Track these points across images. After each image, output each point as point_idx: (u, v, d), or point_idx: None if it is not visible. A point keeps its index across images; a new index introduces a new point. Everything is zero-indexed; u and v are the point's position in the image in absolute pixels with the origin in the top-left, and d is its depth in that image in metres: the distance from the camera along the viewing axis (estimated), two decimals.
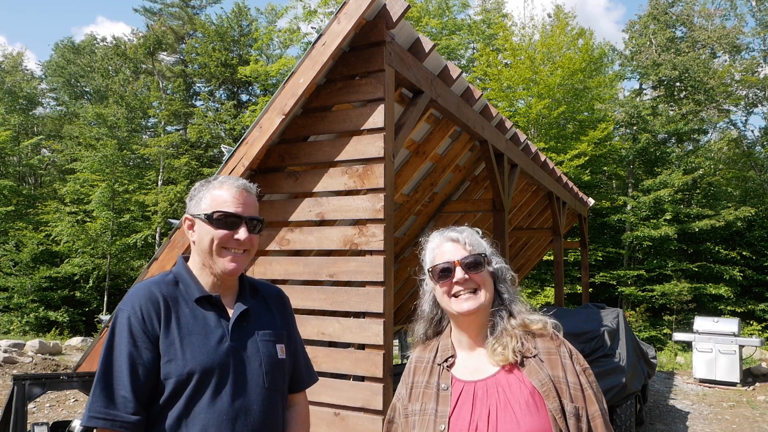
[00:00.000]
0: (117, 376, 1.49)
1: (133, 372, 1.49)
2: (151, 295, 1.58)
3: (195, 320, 1.59)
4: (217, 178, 1.71)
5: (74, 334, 17.87)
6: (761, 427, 7.91)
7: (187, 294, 1.63)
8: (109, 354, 1.52)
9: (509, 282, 1.61)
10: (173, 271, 1.69)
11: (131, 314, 1.54)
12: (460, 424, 1.46)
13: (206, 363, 1.54)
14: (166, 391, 1.52)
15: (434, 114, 5.63)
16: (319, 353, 3.53)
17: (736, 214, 17.36)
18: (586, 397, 1.46)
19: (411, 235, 7.83)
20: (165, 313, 1.57)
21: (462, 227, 1.64)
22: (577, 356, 1.53)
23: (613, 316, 6.86)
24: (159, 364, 1.53)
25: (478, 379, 1.51)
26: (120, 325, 1.54)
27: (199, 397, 1.53)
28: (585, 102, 18.86)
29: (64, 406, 8.00)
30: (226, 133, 24.21)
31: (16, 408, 3.51)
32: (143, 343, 1.52)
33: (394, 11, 3.43)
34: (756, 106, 22.09)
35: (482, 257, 1.56)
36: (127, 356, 1.50)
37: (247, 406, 1.58)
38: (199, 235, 1.65)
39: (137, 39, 26.78)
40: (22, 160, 25.12)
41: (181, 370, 1.52)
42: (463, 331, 1.58)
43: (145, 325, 1.53)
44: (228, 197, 1.64)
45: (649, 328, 17.36)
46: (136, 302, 1.56)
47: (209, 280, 1.67)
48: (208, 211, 1.63)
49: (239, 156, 3.73)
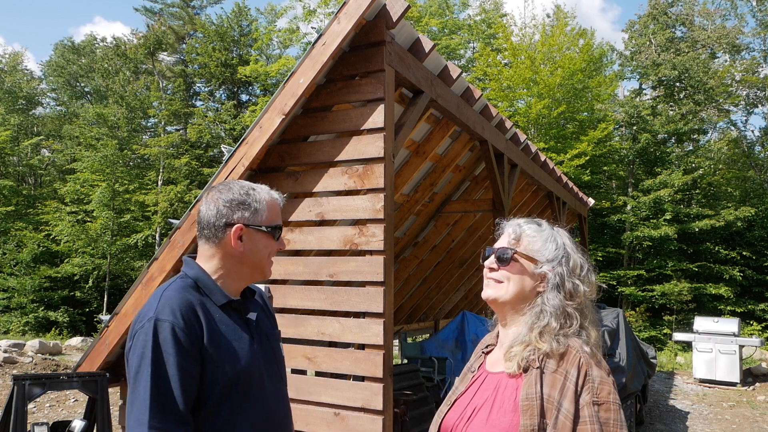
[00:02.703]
0: (171, 388, 1.48)
1: (184, 383, 1.49)
2: (189, 302, 1.57)
3: (226, 326, 1.62)
4: (259, 188, 1.73)
5: (74, 334, 17.88)
6: (761, 427, 7.91)
7: (212, 299, 1.64)
8: (159, 367, 1.49)
9: (560, 292, 1.48)
10: (190, 275, 1.66)
11: (175, 324, 1.52)
12: (460, 406, 1.53)
13: (247, 366, 1.61)
14: (212, 397, 1.54)
15: (434, 114, 5.63)
16: (319, 353, 3.53)
17: (736, 214, 17.36)
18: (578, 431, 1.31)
19: (411, 235, 7.83)
20: (205, 320, 1.57)
21: (539, 220, 1.62)
22: (594, 387, 1.35)
23: (613, 316, 6.87)
24: (203, 371, 1.54)
25: (492, 371, 1.54)
26: (165, 336, 1.51)
27: (245, 400, 1.59)
28: (585, 102, 18.86)
29: (64, 406, 8.00)
30: (226, 133, 24.21)
31: (16, 408, 3.51)
32: (191, 353, 1.52)
33: (394, 11, 3.43)
34: (756, 106, 22.12)
35: (512, 252, 1.52)
36: (178, 368, 1.49)
37: (277, 403, 1.70)
38: (254, 245, 1.67)
39: (137, 39, 26.79)
40: (22, 160, 25.12)
41: (229, 375, 1.56)
42: (499, 320, 1.61)
43: (190, 335, 1.53)
44: (278, 210, 1.75)
45: (649, 328, 17.37)
46: (177, 311, 1.54)
47: (232, 287, 1.69)
48: (270, 224, 1.69)
49: (239, 156, 3.73)
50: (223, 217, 1.66)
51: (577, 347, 1.43)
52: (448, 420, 1.53)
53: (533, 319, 1.48)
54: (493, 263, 1.55)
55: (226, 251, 1.67)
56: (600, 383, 1.37)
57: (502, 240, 1.59)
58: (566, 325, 1.45)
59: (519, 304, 1.51)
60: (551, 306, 1.47)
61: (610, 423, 1.33)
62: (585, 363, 1.39)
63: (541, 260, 1.52)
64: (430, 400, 6.22)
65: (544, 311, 1.47)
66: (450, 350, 8.04)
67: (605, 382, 1.38)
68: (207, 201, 1.70)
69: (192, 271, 1.67)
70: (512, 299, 1.51)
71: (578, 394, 1.35)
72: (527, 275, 1.51)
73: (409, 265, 8.33)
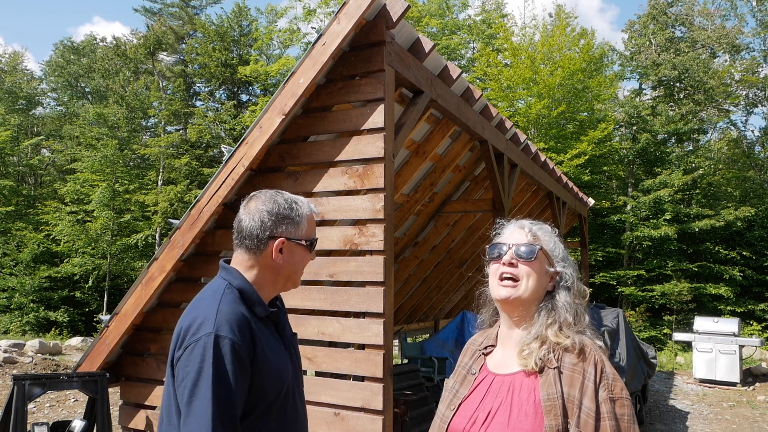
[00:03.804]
0: (231, 403, 1.50)
1: (240, 398, 1.53)
2: (243, 317, 1.59)
3: (267, 339, 1.65)
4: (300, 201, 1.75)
5: (74, 334, 17.88)
6: (761, 427, 7.91)
7: (254, 311, 1.65)
8: (222, 383, 1.49)
9: (570, 291, 1.53)
10: (234, 285, 1.65)
11: (235, 341, 1.53)
12: (466, 410, 1.50)
13: (288, 378, 1.66)
14: (259, 407, 1.58)
15: (434, 114, 5.63)
16: (319, 353, 3.53)
17: (736, 214, 17.36)
18: (601, 428, 1.35)
19: (411, 235, 7.83)
20: (256, 334, 1.60)
21: (542, 223, 1.63)
22: (609, 383, 1.40)
23: (613, 316, 6.87)
24: (252, 383, 1.57)
25: (500, 373, 1.52)
26: (226, 352, 1.51)
27: (286, 410, 1.65)
28: (585, 102, 18.86)
29: (64, 406, 8.00)
30: (226, 133, 24.21)
31: (16, 408, 3.51)
32: (247, 369, 1.55)
33: (394, 11, 3.43)
34: (756, 106, 22.13)
35: (537, 249, 1.52)
36: (237, 384, 1.51)
37: (303, 409, 1.79)
38: (293, 258, 1.71)
39: (137, 39, 26.79)
40: (22, 160, 25.11)
41: (274, 387, 1.60)
42: (504, 320, 1.58)
43: (248, 351, 1.56)
44: (314, 225, 1.79)
45: (649, 328, 17.37)
46: (235, 327, 1.55)
47: (266, 296, 1.72)
48: (309, 237, 1.73)
49: (239, 156, 3.73)
50: (267, 229, 1.67)
51: (591, 345, 1.46)
52: (456, 425, 1.50)
53: (548, 317, 1.50)
54: (511, 258, 1.53)
55: (266, 262, 1.69)
56: (614, 380, 1.41)
57: (515, 237, 1.56)
58: (579, 322, 1.49)
59: (534, 303, 1.52)
60: (565, 303, 1.50)
61: (624, 418, 1.38)
62: (600, 360, 1.43)
63: (555, 259, 1.55)
64: (430, 400, 6.22)
65: (560, 308, 1.50)
66: (450, 350, 8.04)
67: (617, 378, 1.43)
68: (250, 211, 1.69)
69: (236, 281, 1.66)
70: (530, 297, 1.51)
71: (596, 391, 1.38)
72: (544, 273, 1.53)
73: (409, 265, 8.33)
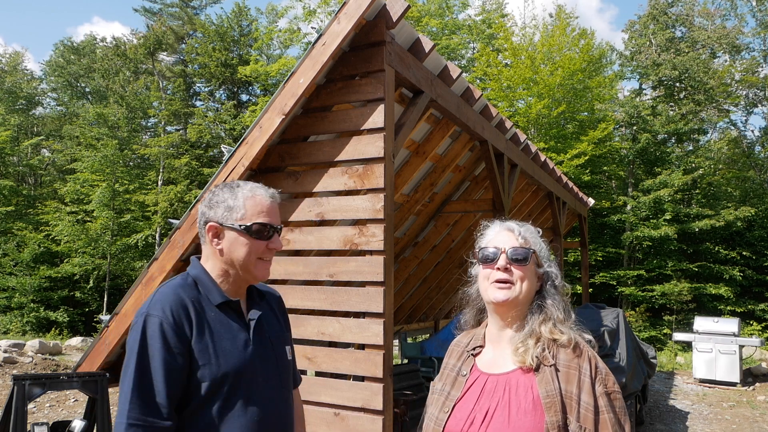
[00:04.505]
0: (153, 382, 1.51)
1: (168, 378, 1.51)
2: (180, 299, 1.59)
3: (221, 325, 1.62)
4: (245, 186, 1.70)
5: (74, 334, 17.88)
6: (761, 427, 7.91)
7: (209, 298, 1.64)
8: (144, 360, 1.52)
9: (557, 289, 1.58)
10: (191, 274, 1.68)
11: (163, 320, 1.54)
12: (462, 411, 1.51)
13: (238, 366, 1.59)
14: (199, 394, 1.55)
15: (434, 114, 5.63)
16: (319, 353, 3.53)
17: (736, 214, 17.36)
18: (600, 421, 1.39)
19: (411, 235, 7.83)
20: (195, 317, 1.58)
21: (524, 223, 1.65)
22: (603, 378, 1.45)
23: (613, 316, 6.87)
24: (190, 368, 1.55)
25: (493, 373, 1.53)
26: (152, 331, 1.53)
27: (232, 400, 1.58)
28: (585, 102, 18.86)
29: (64, 406, 8.00)
30: (226, 133, 24.21)
31: (16, 408, 3.51)
32: (177, 349, 1.53)
33: (394, 11, 3.43)
34: (756, 106, 22.12)
35: (530, 253, 1.55)
36: (162, 363, 1.51)
37: (272, 406, 1.66)
38: (230, 245, 1.66)
39: (137, 39, 26.79)
40: (22, 160, 25.11)
41: (215, 374, 1.55)
42: (495, 321, 1.59)
43: (178, 331, 1.54)
44: (263, 208, 1.67)
45: (649, 328, 17.36)
46: (167, 307, 1.56)
47: (229, 287, 1.69)
48: (246, 223, 1.64)
49: (239, 156, 3.73)
50: (203, 216, 1.69)
51: (583, 342, 1.50)
52: (453, 427, 1.51)
53: (540, 315, 1.53)
54: (506, 263, 1.54)
55: (212, 251, 1.69)
56: (606, 374, 1.46)
57: (506, 240, 1.57)
58: (567, 319, 1.53)
59: (527, 303, 1.55)
60: (554, 301, 1.55)
61: (620, 411, 1.43)
62: (593, 356, 1.48)
63: (543, 259, 1.59)
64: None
65: (550, 306, 1.53)
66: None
67: (609, 372, 1.49)
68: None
69: (194, 271, 1.69)
70: (524, 299, 1.54)
71: (593, 385, 1.42)
72: (535, 275, 1.57)
73: (409, 265, 8.33)
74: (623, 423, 1.42)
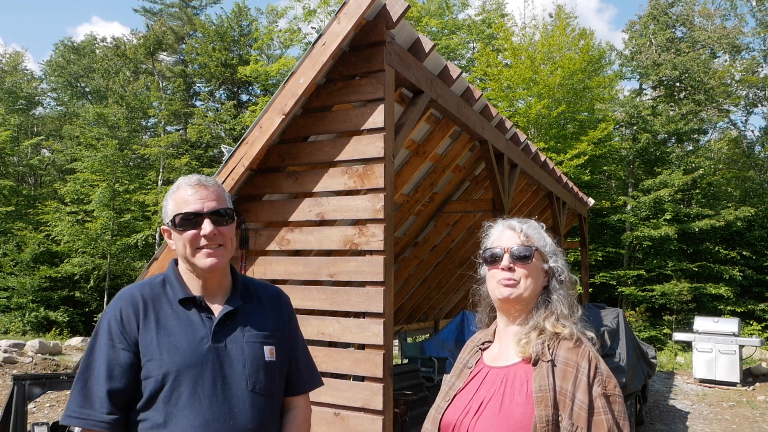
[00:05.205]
0: (94, 376, 1.54)
1: (109, 373, 1.53)
2: (132, 297, 1.62)
3: (177, 321, 1.60)
4: (177, 182, 1.72)
5: (74, 334, 17.87)
6: (761, 427, 7.91)
7: (172, 295, 1.64)
8: (89, 355, 1.57)
9: (564, 284, 1.58)
10: (164, 273, 1.72)
11: (112, 317, 1.59)
12: (460, 401, 1.54)
13: (182, 363, 1.53)
14: (145, 392, 1.55)
15: (434, 114, 5.63)
16: (319, 353, 3.52)
17: (736, 214, 17.36)
18: (595, 422, 1.38)
19: (411, 235, 7.83)
20: (144, 314, 1.59)
21: (528, 220, 1.66)
22: (603, 380, 1.43)
23: (613, 316, 6.87)
24: (139, 365, 1.56)
25: (495, 366, 1.56)
26: (101, 328, 1.59)
27: (176, 398, 1.52)
28: (585, 102, 18.86)
29: (64, 406, 7.99)
30: (226, 133, 24.21)
31: (16, 408, 3.51)
32: (120, 344, 1.56)
33: (394, 11, 3.43)
34: (756, 106, 22.13)
35: (533, 250, 1.56)
36: (104, 358, 1.55)
37: (229, 409, 1.54)
38: (174, 243, 1.67)
39: (137, 39, 26.79)
40: (22, 160, 25.11)
41: (158, 371, 1.54)
42: (502, 317, 1.62)
43: (123, 327, 1.57)
44: (186, 197, 1.64)
45: (649, 328, 17.36)
46: (118, 305, 1.61)
47: (197, 283, 1.67)
48: (172, 217, 1.64)
49: (239, 156, 3.73)
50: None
51: (586, 341, 1.50)
52: (450, 415, 1.54)
53: (545, 310, 1.55)
54: (509, 263, 1.56)
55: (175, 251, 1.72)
56: (607, 377, 1.45)
57: (508, 239, 1.59)
58: (573, 314, 1.54)
59: (532, 300, 1.57)
60: (560, 296, 1.56)
61: (620, 415, 1.42)
62: (594, 357, 1.47)
63: (548, 255, 1.60)
64: (430, 400, 6.22)
65: (555, 301, 1.55)
66: (450, 350, 8.05)
67: (611, 375, 1.47)
68: None
69: (167, 270, 1.73)
70: (529, 296, 1.56)
71: (590, 386, 1.42)
72: (540, 271, 1.58)
73: (409, 265, 8.33)
74: (622, 427, 1.40)
